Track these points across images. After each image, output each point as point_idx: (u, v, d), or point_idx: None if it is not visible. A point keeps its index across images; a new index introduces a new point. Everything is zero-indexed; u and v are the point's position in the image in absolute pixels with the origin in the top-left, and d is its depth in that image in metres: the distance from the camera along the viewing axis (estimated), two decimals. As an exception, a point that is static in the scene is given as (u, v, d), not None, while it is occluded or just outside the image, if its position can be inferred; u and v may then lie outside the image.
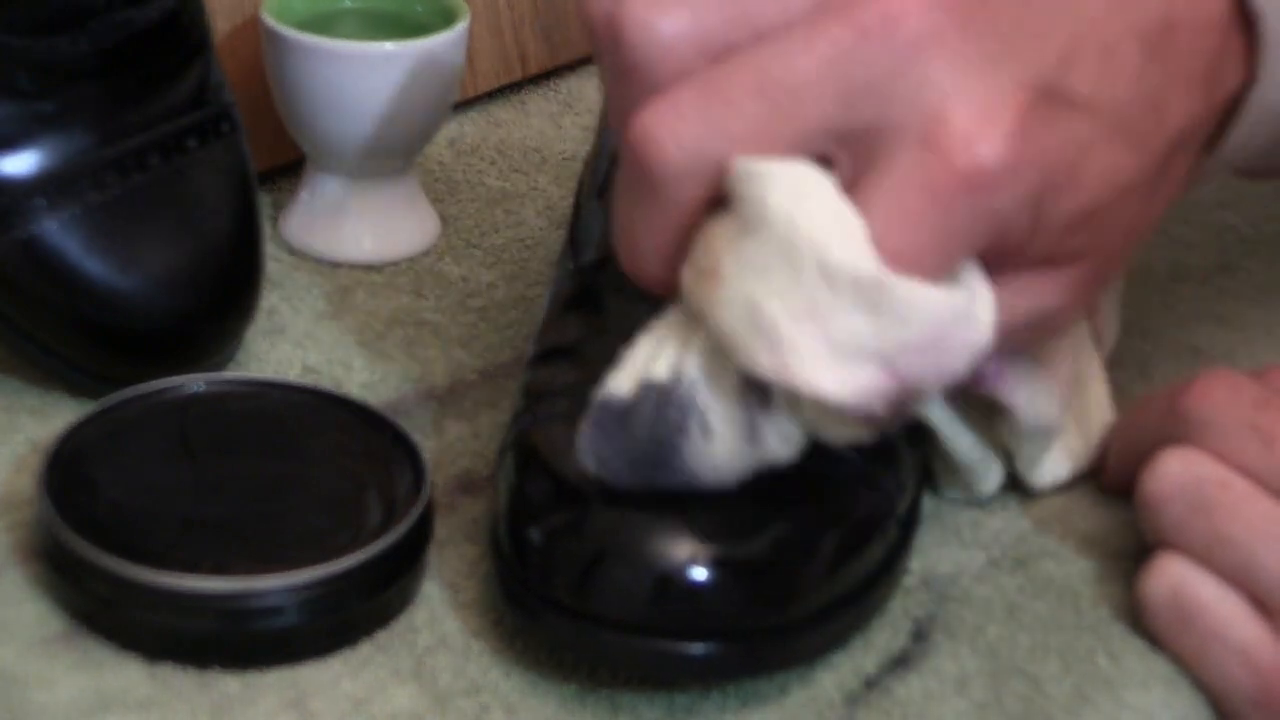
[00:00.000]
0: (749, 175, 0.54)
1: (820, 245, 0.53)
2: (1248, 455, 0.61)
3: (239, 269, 0.71)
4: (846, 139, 0.54)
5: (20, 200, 0.68)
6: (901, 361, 0.54)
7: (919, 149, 0.53)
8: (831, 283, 0.53)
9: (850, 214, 0.54)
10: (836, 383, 0.54)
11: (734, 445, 0.57)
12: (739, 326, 0.54)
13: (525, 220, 0.83)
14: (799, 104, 0.54)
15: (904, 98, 0.53)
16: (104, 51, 0.69)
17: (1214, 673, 0.60)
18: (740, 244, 0.54)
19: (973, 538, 0.66)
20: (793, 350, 0.54)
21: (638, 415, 0.57)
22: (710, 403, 0.56)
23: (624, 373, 0.58)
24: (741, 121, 0.54)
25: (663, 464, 0.57)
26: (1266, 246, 0.84)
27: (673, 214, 0.56)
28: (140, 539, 0.60)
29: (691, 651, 0.58)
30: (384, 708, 0.58)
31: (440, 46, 0.77)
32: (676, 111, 0.54)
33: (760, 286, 0.54)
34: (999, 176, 0.53)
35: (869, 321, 0.53)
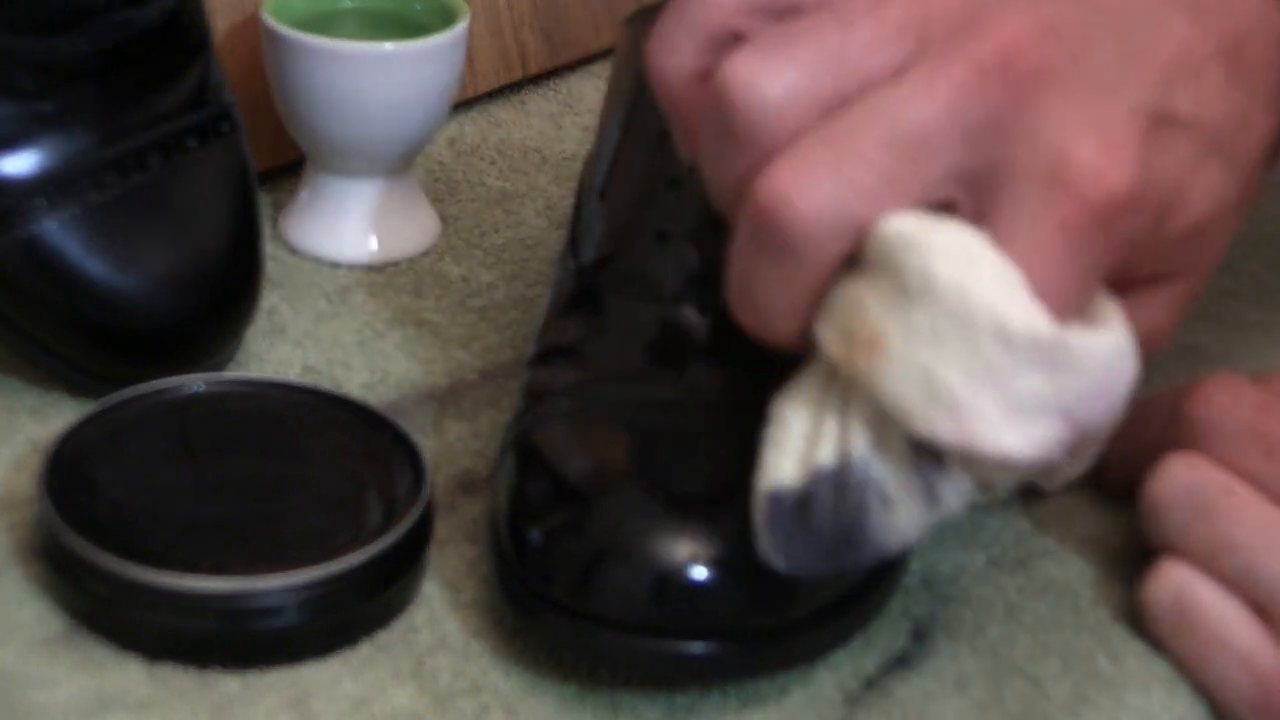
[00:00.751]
0: (906, 244, 0.53)
1: (995, 312, 0.53)
2: (1250, 461, 0.61)
3: (239, 269, 0.71)
4: (970, 181, 0.54)
5: (20, 200, 0.68)
6: (1079, 409, 0.54)
7: (1049, 187, 0.53)
8: (1009, 347, 0.53)
9: (1012, 273, 0.53)
10: (1020, 442, 0.54)
11: (915, 510, 0.56)
12: (914, 396, 0.54)
13: (525, 220, 0.83)
14: (928, 151, 0.53)
15: (1026, 135, 0.53)
16: (104, 51, 0.69)
17: (1215, 678, 0.60)
18: (906, 313, 0.53)
19: (973, 538, 0.66)
20: (975, 417, 0.53)
21: (817, 505, 0.56)
22: (886, 476, 0.55)
23: (785, 457, 0.57)
24: (874, 175, 0.53)
25: (849, 544, 0.56)
26: (1266, 246, 0.84)
27: (809, 274, 0.55)
28: (140, 539, 0.60)
29: (691, 651, 0.58)
30: (384, 708, 0.58)
31: (440, 46, 0.77)
32: (808, 171, 0.53)
33: (934, 355, 0.53)
34: (1130, 204, 0.53)
35: (1048, 378, 0.53)
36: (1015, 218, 0.53)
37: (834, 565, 0.57)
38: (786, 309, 0.56)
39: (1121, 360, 0.55)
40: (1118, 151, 0.53)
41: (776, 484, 0.56)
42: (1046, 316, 0.53)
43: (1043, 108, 0.53)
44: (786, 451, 0.57)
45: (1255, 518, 0.60)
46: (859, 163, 0.53)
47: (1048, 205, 0.53)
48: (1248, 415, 0.61)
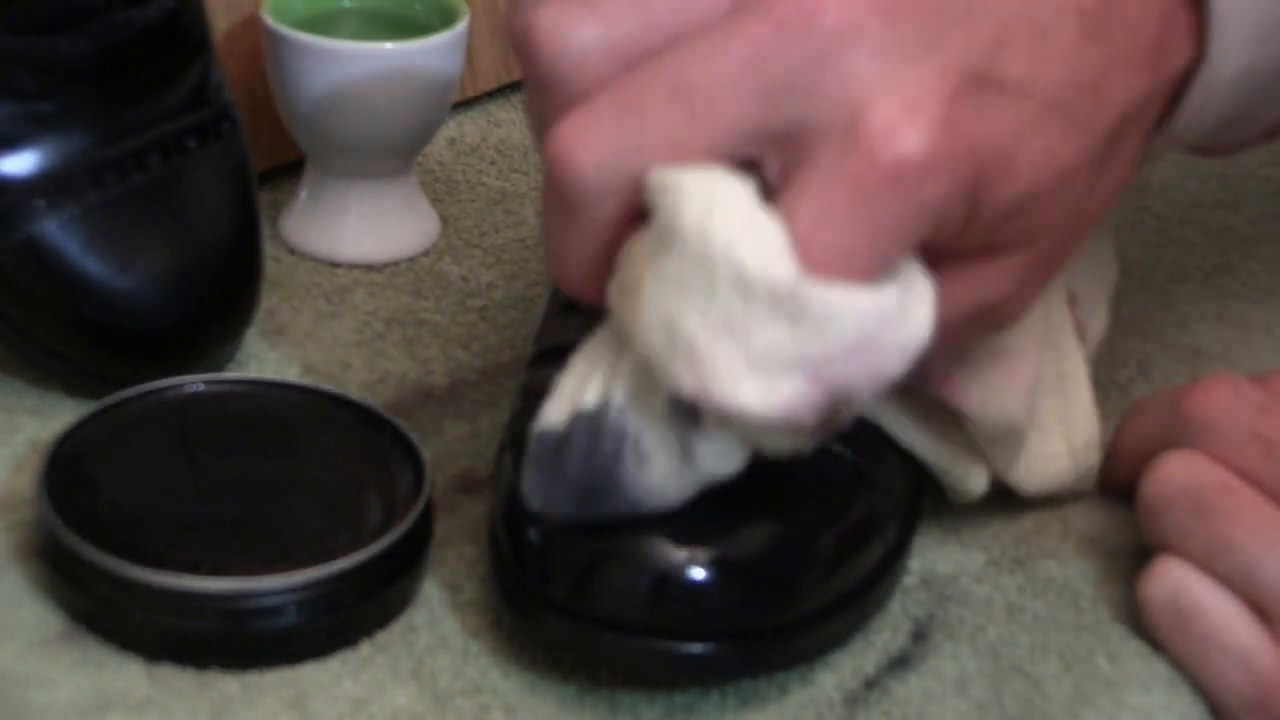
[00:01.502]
0: (661, 188, 0.52)
1: (733, 256, 0.51)
2: (1249, 461, 0.60)
3: (239, 269, 0.71)
4: (771, 140, 0.53)
5: (20, 200, 0.68)
6: (827, 370, 0.52)
7: (842, 145, 0.51)
8: (747, 294, 0.51)
9: (765, 221, 0.52)
10: (760, 397, 0.52)
11: (670, 467, 0.55)
12: (660, 346, 0.53)
13: (525, 220, 0.83)
14: (716, 108, 0.52)
15: (827, 94, 0.52)
16: (104, 51, 0.69)
17: (1212, 677, 0.60)
18: (658, 259, 0.53)
19: (973, 538, 0.66)
20: (712, 367, 0.52)
21: (572, 447, 0.56)
22: (641, 426, 0.55)
23: (557, 402, 0.57)
24: (658, 130, 0.53)
25: (603, 494, 0.56)
26: (1266, 246, 0.84)
27: (594, 228, 0.54)
28: (140, 539, 0.60)
29: (690, 651, 0.57)
30: (384, 708, 0.58)
31: (440, 46, 0.77)
32: (591, 124, 0.53)
33: (678, 303, 0.52)
34: (925, 168, 0.51)
35: (789, 332, 0.52)
36: (807, 176, 0.52)
37: (585, 510, 0.56)
38: (579, 262, 0.55)
39: (890, 324, 0.52)
40: (917, 112, 0.51)
41: (542, 425, 0.56)
42: (788, 265, 0.51)
43: (845, 66, 0.52)
44: (560, 396, 0.56)
45: (1254, 517, 0.60)
46: (642, 117, 0.53)
47: (839, 164, 0.51)
48: (1247, 415, 0.61)
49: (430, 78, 0.77)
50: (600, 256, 0.55)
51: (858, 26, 0.52)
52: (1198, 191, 0.87)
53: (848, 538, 0.60)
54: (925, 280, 0.54)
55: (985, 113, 0.53)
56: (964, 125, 0.52)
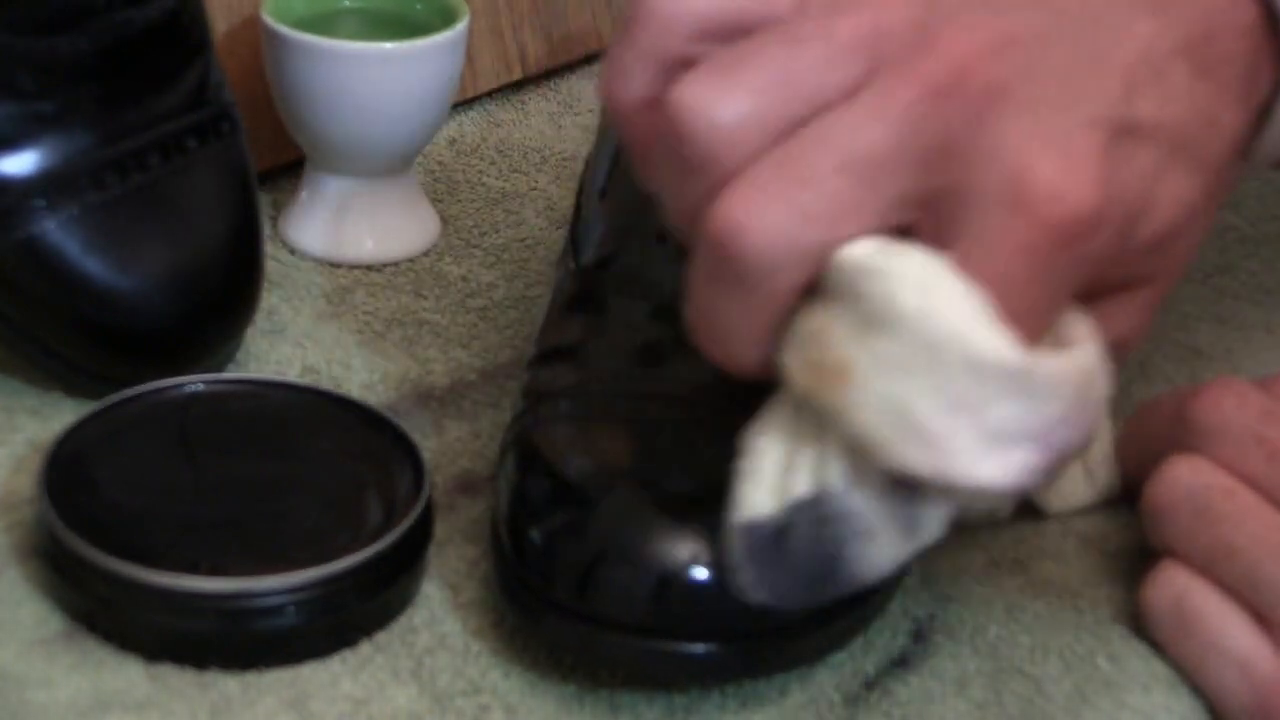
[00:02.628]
0: (867, 270, 0.52)
1: (962, 340, 0.52)
2: (1253, 466, 0.60)
3: (239, 269, 0.71)
4: (927, 203, 0.53)
5: (20, 200, 0.68)
6: (1054, 434, 0.53)
7: (1008, 208, 0.52)
8: (979, 375, 0.52)
9: (977, 299, 0.52)
10: (997, 471, 0.53)
11: (894, 540, 0.55)
12: (885, 427, 0.53)
13: (525, 220, 0.83)
14: (881, 174, 0.52)
15: (982, 155, 0.52)
16: (104, 51, 0.69)
17: (1213, 682, 0.60)
18: (871, 342, 0.53)
19: (973, 538, 0.66)
20: (947, 446, 0.52)
21: (795, 537, 0.55)
22: (864, 507, 0.55)
23: (760, 488, 0.56)
24: (827, 201, 0.52)
25: (829, 575, 0.56)
26: (1266, 246, 0.84)
27: (767, 302, 0.54)
28: (140, 539, 0.60)
29: (691, 652, 0.58)
30: (384, 708, 0.58)
31: (440, 46, 0.77)
32: (760, 198, 0.52)
33: (902, 385, 0.52)
34: (1093, 224, 0.52)
35: (1021, 405, 0.52)
36: (977, 241, 0.52)
37: (813, 597, 0.56)
38: (747, 338, 0.55)
39: (1094, 379, 0.54)
40: (1078, 169, 0.52)
41: (753, 515, 0.56)
42: (1014, 344, 0.52)
43: (998, 126, 0.52)
44: (760, 482, 0.56)
45: (1257, 523, 0.60)
46: (812, 188, 0.52)
47: (1009, 228, 0.52)
48: (1251, 420, 0.61)
49: (430, 78, 0.77)
50: (770, 329, 0.54)
51: (1003, 85, 0.52)
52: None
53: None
54: (1088, 325, 0.55)
55: (1130, 160, 0.54)
56: (1116, 174, 0.53)
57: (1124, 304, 0.57)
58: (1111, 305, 0.57)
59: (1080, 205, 0.52)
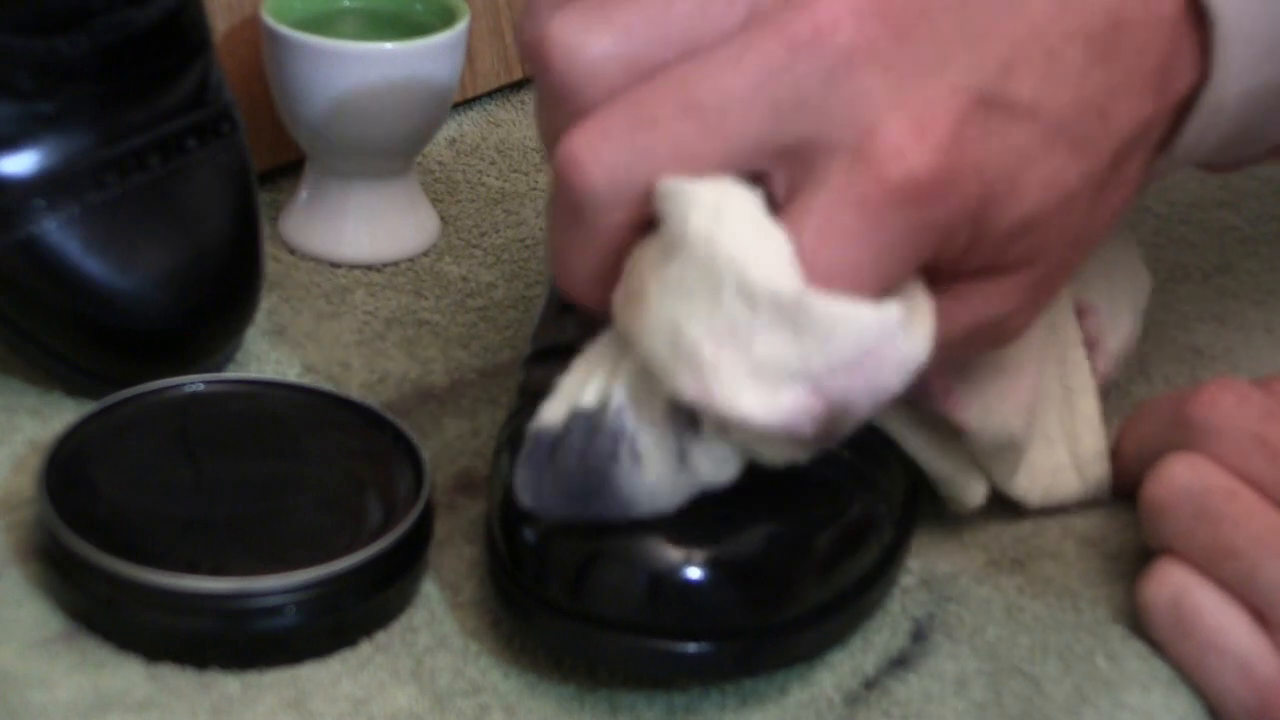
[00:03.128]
0: (669, 195, 0.53)
1: (739, 265, 0.52)
2: (1253, 466, 0.60)
3: (239, 269, 0.71)
4: (780, 156, 0.53)
5: (20, 200, 0.68)
6: (829, 381, 0.52)
7: (850, 162, 0.52)
8: (751, 303, 0.52)
9: (773, 231, 0.52)
10: (760, 406, 0.52)
11: (665, 471, 0.56)
12: (663, 351, 0.53)
13: (525, 220, 0.83)
14: (728, 122, 0.53)
15: (837, 112, 0.52)
16: (104, 51, 0.69)
17: (1211, 682, 0.60)
18: (664, 266, 0.53)
19: (972, 538, 0.66)
20: (715, 374, 0.52)
21: (568, 445, 0.56)
22: (639, 428, 0.55)
23: (555, 402, 0.57)
24: (668, 142, 0.53)
25: (595, 494, 0.56)
26: (1266, 246, 0.84)
27: (601, 237, 0.55)
28: (140, 539, 0.60)
29: (689, 651, 0.57)
30: (383, 708, 0.58)
31: (440, 46, 0.77)
32: (601, 134, 0.53)
33: (683, 309, 0.53)
34: (933, 188, 0.52)
35: (791, 342, 0.52)
36: (815, 192, 0.52)
37: (576, 510, 0.56)
38: (586, 271, 0.56)
39: (892, 340, 0.52)
40: (926, 131, 0.52)
41: (539, 423, 0.56)
42: (793, 276, 0.52)
43: (855, 84, 0.52)
44: (559, 397, 0.57)
45: (1256, 523, 0.60)
46: (653, 129, 0.53)
47: (846, 180, 0.52)
48: (1252, 419, 0.61)
49: (430, 78, 0.77)
50: (607, 264, 0.55)
51: (869, 45, 0.52)
52: (1198, 191, 0.87)
53: (844, 537, 0.60)
54: (926, 298, 0.54)
55: (993, 134, 0.53)
56: (972, 146, 0.52)
57: (992, 287, 0.56)
58: (979, 287, 0.56)
59: (920, 166, 0.52)
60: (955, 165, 0.52)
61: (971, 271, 0.55)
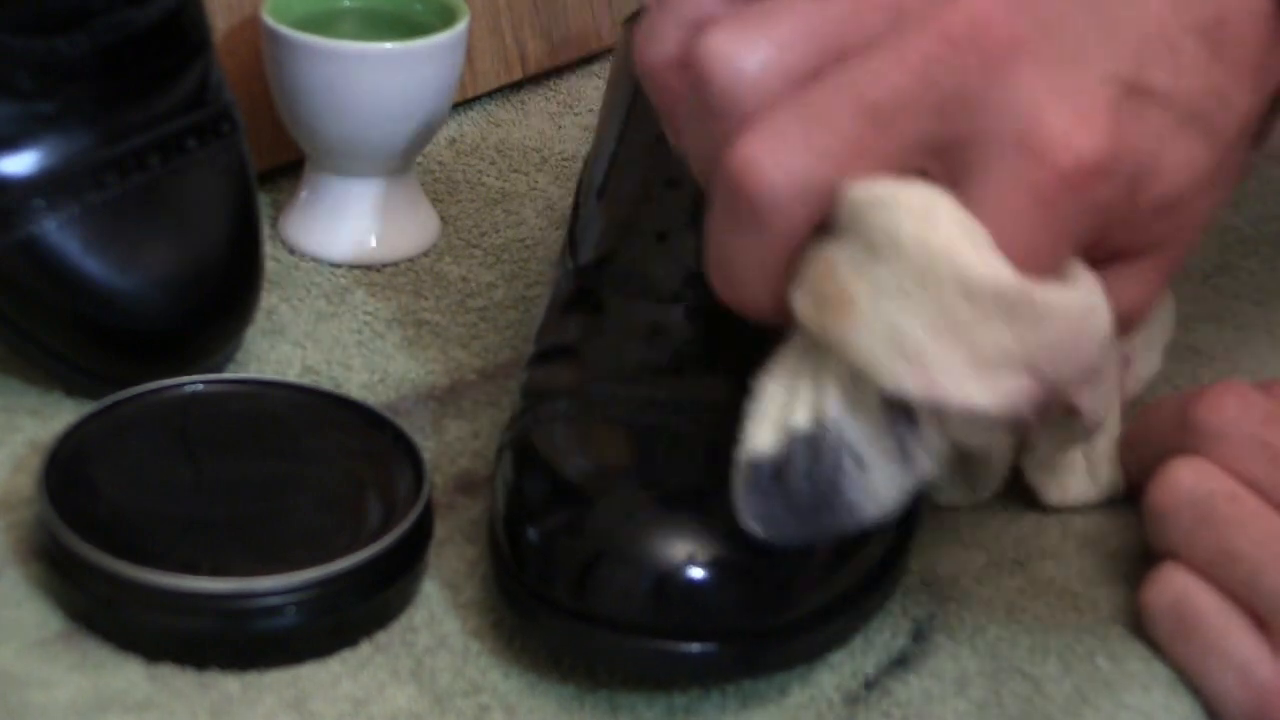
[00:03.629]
0: (871, 203, 0.54)
1: (958, 264, 0.53)
2: (1256, 470, 0.60)
3: (239, 269, 0.71)
4: (943, 150, 0.54)
5: (20, 200, 0.68)
6: (1046, 364, 0.54)
7: (1019, 153, 0.53)
8: (973, 299, 0.53)
9: (976, 227, 0.54)
10: (986, 394, 0.54)
11: (889, 470, 0.56)
12: (882, 352, 0.54)
13: (525, 220, 0.83)
14: (896, 119, 0.54)
15: (996, 104, 0.54)
16: (104, 51, 0.69)
17: (1212, 686, 0.60)
18: (872, 271, 0.54)
19: (973, 538, 0.66)
20: (940, 368, 0.54)
21: (792, 469, 0.56)
22: (859, 437, 0.56)
23: (763, 426, 0.57)
24: (842, 142, 0.54)
25: (827, 508, 0.56)
26: (1266, 246, 0.84)
27: (780, 241, 0.55)
28: (140, 539, 0.60)
29: (690, 652, 0.57)
30: (383, 708, 0.58)
31: (440, 46, 0.77)
32: (778, 139, 0.54)
33: (899, 311, 0.54)
34: (1099, 170, 0.54)
35: (1011, 330, 0.54)
36: (986, 183, 0.54)
37: (813, 531, 0.57)
38: (760, 278, 0.56)
39: (1091, 317, 0.55)
40: (1087, 118, 0.54)
41: (754, 452, 0.57)
42: (1009, 268, 0.53)
43: (1013, 78, 0.54)
44: (764, 421, 0.57)
45: (1259, 528, 0.60)
46: (827, 130, 0.54)
47: (1018, 170, 0.53)
48: (1255, 423, 0.61)
49: (430, 78, 0.77)
50: (782, 268, 0.56)
51: (1020, 39, 0.54)
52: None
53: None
54: (1093, 276, 0.56)
55: (1138, 119, 0.55)
56: (1125, 129, 0.54)
57: (1133, 270, 0.58)
58: (1121, 271, 0.58)
59: (1088, 151, 0.53)
60: (1116, 149, 0.54)
61: (1114, 256, 0.57)
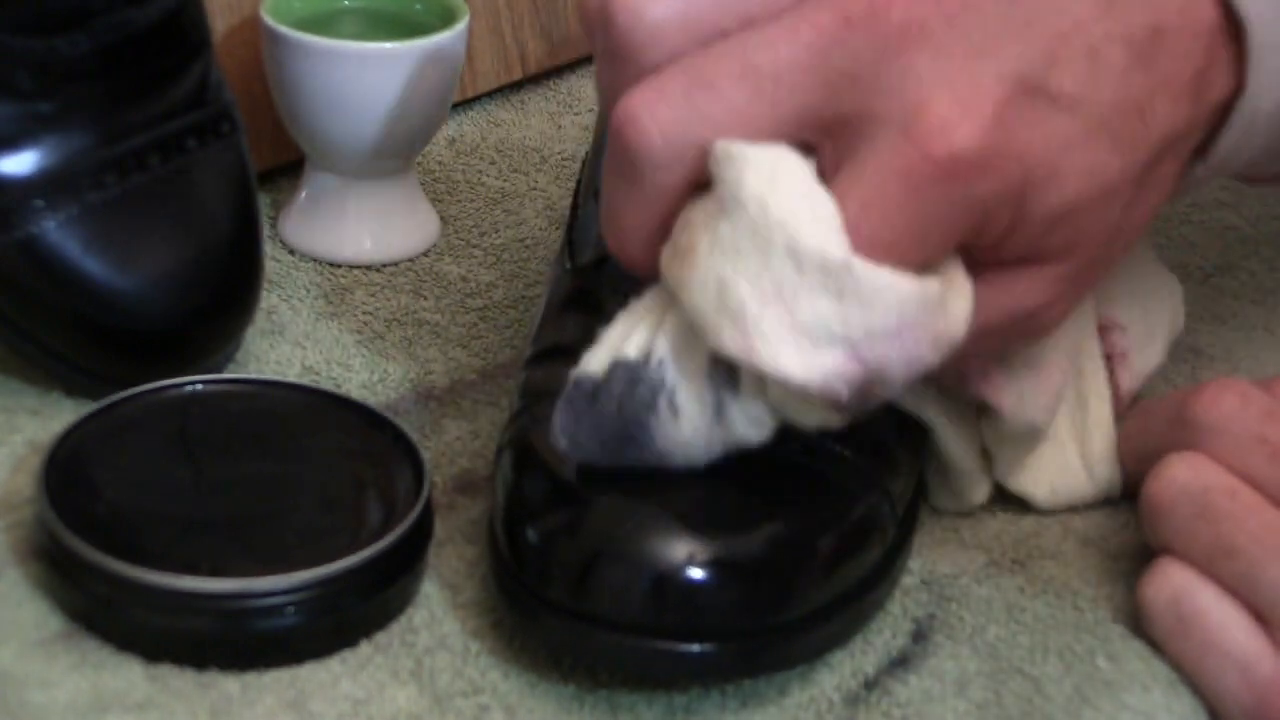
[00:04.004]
0: (726, 157, 0.55)
1: (789, 227, 0.54)
2: (1254, 465, 0.60)
3: (239, 269, 0.71)
4: (829, 127, 0.55)
5: (20, 200, 0.68)
6: (867, 347, 0.54)
7: (897, 136, 0.53)
8: (799, 265, 0.53)
9: (823, 198, 0.54)
10: (800, 365, 0.54)
11: (702, 425, 0.57)
12: (708, 306, 0.55)
13: (525, 220, 0.83)
14: (781, 90, 0.54)
15: (886, 87, 0.54)
16: (104, 51, 0.69)
17: (1211, 682, 0.60)
18: (715, 225, 0.55)
19: (973, 538, 0.66)
20: (758, 331, 0.54)
21: (608, 393, 0.57)
22: (679, 381, 0.57)
23: (598, 351, 0.58)
24: (723, 106, 0.55)
25: (632, 442, 0.57)
26: (1266, 246, 0.84)
27: (655, 196, 0.56)
28: (140, 539, 0.60)
29: (689, 652, 0.57)
30: (383, 708, 0.58)
31: (440, 46, 0.77)
32: (660, 95, 0.55)
33: (731, 267, 0.54)
34: (975, 165, 0.53)
35: (835, 305, 0.54)
36: (862, 163, 0.54)
37: (611, 457, 0.58)
38: (637, 230, 0.57)
39: (931, 312, 0.54)
40: (971, 111, 0.53)
41: (580, 371, 0.58)
42: (841, 241, 0.53)
43: (906, 62, 0.54)
44: (601, 347, 0.58)
45: (1258, 523, 0.60)
46: (710, 92, 0.55)
47: (892, 153, 0.53)
48: (1253, 419, 0.61)
49: (430, 78, 0.77)
50: (658, 224, 0.57)
51: (921, 26, 0.54)
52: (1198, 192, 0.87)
53: (847, 538, 0.60)
54: (966, 279, 0.56)
55: (1036, 121, 0.55)
56: (1015, 130, 0.54)
57: (1031, 276, 0.58)
58: (1018, 276, 0.57)
59: (964, 142, 0.53)
60: (997, 145, 0.54)
61: (1011, 259, 0.57)
